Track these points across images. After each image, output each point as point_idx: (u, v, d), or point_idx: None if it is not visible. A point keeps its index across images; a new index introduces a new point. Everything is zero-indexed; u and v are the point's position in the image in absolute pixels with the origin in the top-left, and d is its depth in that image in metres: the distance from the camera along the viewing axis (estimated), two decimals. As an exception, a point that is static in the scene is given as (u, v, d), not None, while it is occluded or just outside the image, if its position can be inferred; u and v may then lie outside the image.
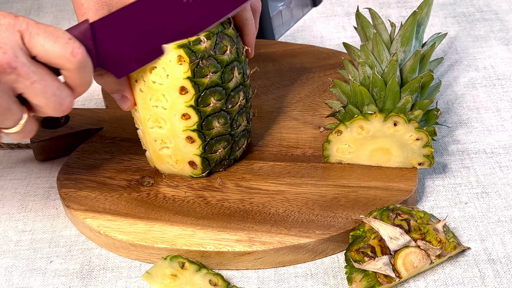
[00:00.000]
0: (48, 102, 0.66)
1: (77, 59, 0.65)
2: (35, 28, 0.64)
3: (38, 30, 0.64)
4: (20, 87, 0.64)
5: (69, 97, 0.67)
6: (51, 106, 0.66)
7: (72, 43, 0.65)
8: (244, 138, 0.83)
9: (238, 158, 0.85)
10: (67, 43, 0.65)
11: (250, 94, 0.82)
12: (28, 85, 0.64)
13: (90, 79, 0.69)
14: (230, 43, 0.76)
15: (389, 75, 0.79)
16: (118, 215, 0.79)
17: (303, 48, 1.03)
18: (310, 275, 0.75)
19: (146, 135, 0.79)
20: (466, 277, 0.73)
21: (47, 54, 0.65)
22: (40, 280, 0.76)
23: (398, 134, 0.79)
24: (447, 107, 0.95)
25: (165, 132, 0.78)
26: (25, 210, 0.85)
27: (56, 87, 0.66)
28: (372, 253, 0.71)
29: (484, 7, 1.16)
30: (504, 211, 0.80)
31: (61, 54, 0.65)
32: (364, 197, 0.79)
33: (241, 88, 0.79)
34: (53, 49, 0.64)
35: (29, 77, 0.64)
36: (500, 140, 0.90)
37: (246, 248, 0.74)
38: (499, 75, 1.01)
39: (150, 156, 0.83)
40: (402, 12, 1.16)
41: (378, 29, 0.85)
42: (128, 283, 0.75)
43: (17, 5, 1.25)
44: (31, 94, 0.65)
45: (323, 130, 0.85)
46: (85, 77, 0.67)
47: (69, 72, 0.66)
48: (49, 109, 0.67)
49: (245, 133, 0.83)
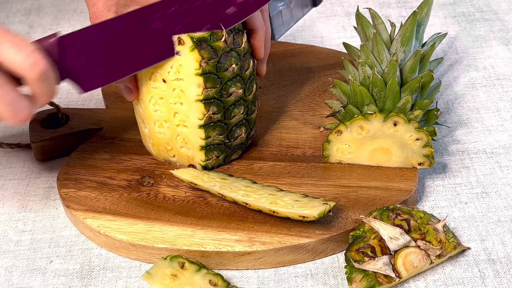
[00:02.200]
0: (3, 110, 0.67)
1: (37, 71, 0.66)
2: (1, 37, 0.65)
3: (4, 38, 0.65)
4: None
5: (26, 108, 0.68)
6: (6, 115, 0.67)
7: (35, 55, 0.66)
8: (240, 128, 0.83)
9: (239, 153, 0.85)
10: (30, 54, 0.66)
11: (250, 87, 0.82)
12: None
13: (52, 91, 0.70)
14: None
15: (389, 75, 0.79)
16: (118, 215, 0.79)
17: (303, 48, 1.03)
18: (310, 275, 0.75)
19: (149, 118, 0.81)
20: (466, 277, 0.73)
21: (9, 63, 0.66)
22: (40, 280, 0.76)
23: (398, 134, 0.79)
24: (447, 107, 0.95)
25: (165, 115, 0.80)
26: (25, 210, 0.85)
27: (13, 97, 0.67)
28: (372, 253, 0.71)
29: (484, 7, 1.16)
30: (504, 211, 0.80)
31: (22, 64, 0.66)
32: (364, 197, 0.79)
33: (238, 79, 0.79)
34: (15, 59, 0.65)
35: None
36: (500, 140, 0.90)
37: (246, 248, 0.74)
38: (499, 75, 1.01)
39: (152, 143, 0.83)
40: (402, 12, 1.16)
41: (378, 29, 0.85)
42: (128, 283, 0.75)
43: (17, 5, 1.25)
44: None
45: (323, 130, 0.85)
46: (47, 88, 0.69)
47: (30, 82, 0.67)
48: (5, 117, 0.68)
49: (244, 122, 0.83)
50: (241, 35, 0.80)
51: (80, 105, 1.00)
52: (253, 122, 0.85)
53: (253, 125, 0.85)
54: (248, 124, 0.84)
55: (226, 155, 0.83)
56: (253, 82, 0.83)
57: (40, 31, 1.17)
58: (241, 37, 0.79)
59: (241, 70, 0.80)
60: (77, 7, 1.23)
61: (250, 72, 0.82)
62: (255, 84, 0.83)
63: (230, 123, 0.81)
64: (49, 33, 1.15)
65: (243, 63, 0.80)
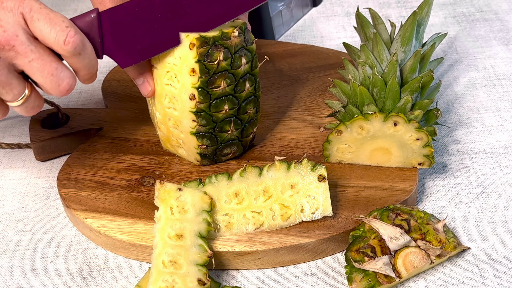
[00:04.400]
0: (45, 81, 0.70)
1: (69, 47, 0.69)
2: (36, 13, 0.68)
3: (39, 15, 0.68)
4: (19, 63, 0.69)
5: (67, 78, 0.71)
6: (48, 85, 0.71)
7: (67, 31, 0.69)
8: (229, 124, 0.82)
9: (234, 149, 0.84)
10: (63, 30, 0.69)
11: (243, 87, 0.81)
12: (26, 62, 0.69)
13: (90, 65, 0.73)
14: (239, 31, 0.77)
15: (389, 75, 0.79)
16: (118, 215, 0.79)
17: (303, 48, 1.03)
18: (310, 275, 0.75)
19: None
20: (466, 277, 0.73)
21: (44, 39, 0.69)
22: (40, 280, 0.76)
23: (398, 134, 0.79)
24: (447, 107, 0.95)
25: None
26: (25, 210, 0.85)
27: (55, 67, 0.70)
28: (372, 253, 0.71)
29: (484, 7, 1.16)
30: (504, 211, 0.80)
31: (56, 40, 0.69)
32: (364, 197, 0.79)
33: (228, 74, 0.79)
34: (48, 35, 0.69)
35: (27, 55, 0.68)
36: (500, 140, 0.90)
37: (246, 248, 0.74)
38: (499, 75, 1.01)
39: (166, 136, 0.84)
40: (402, 12, 1.16)
41: (378, 29, 0.85)
42: (128, 283, 0.75)
43: (17, 5, 1.25)
44: (30, 72, 0.70)
45: (323, 130, 0.86)
46: (85, 62, 0.72)
47: (66, 57, 0.70)
48: (47, 87, 0.71)
49: (234, 119, 0.81)
50: None
51: (80, 105, 1.00)
52: (246, 122, 0.83)
53: (248, 124, 0.84)
54: (241, 123, 0.82)
55: (216, 147, 0.82)
56: (247, 82, 0.80)
57: (40, 31, 1.17)
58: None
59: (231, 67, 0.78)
60: (77, 7, 1.23)
61: (244, 70, 0.79)
62: (255, 84, 0.82)
63: (216, 117, 0.80)
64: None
65: (236, 62, 0.78)
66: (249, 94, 0.80)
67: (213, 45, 0.76)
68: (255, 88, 0.81)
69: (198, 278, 0.70)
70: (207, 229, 0.73)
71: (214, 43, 0.76)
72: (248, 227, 0.75)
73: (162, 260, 0.71)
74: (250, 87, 0.80)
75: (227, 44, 0.76)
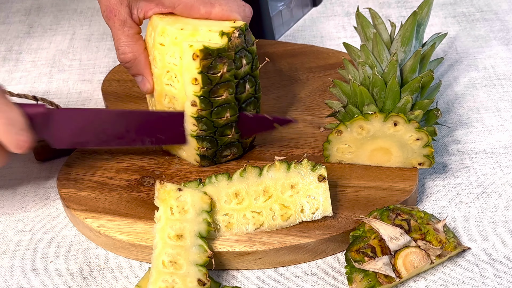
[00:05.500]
0: None
1: (20, 151, 0.73)
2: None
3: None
4: None
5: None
6: None
7: (21, 136, 0.72)
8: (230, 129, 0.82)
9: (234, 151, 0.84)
10: (17, 134, 0.72)
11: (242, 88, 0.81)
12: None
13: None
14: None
15: (389, 75, 0.79)
16: (118, 215, 0.79)
17: (303, 48, 1.03)
18: (310, 275, 0.75)
19: None
20: (466, 277, 0.73)
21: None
22: (40, 280, 0.76)
23: (398, 134, 0.79)
24: (447, 107, 0.95)
25: None
26: (25, 210, 0.85)
27: None
28: (372, 253, 0.71)
29: (484, 7, 1.16)
30: (504, 211, 0.80)
31: (8, 142, 0.72)
32: (364, 197, 0.79)
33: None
34: (1, 136, 0.71)
35: None
36: (500, 140, 0.90)
37: (246, 248, 0.74)
38: (499, 75, 1.01)
39: None
40: (402, 12, 1.16)
41: (378, 29, 0.85)
42: (128, 283, 0.75)
43: (17, 5, 1.25)
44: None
45: (323, 130, 0.85)
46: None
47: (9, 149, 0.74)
48: None
49: (233, 124, 0.81)
50: None
51: (80, 105, 1.00)
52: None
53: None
54: None
55: (216, 149, 0.82)
56: (248, 83, 0.80)
57: (40, 31, 1.17)
58: None
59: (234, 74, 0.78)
60: (77, 7, 1.23)
61: (245, 72, 0.79)
62: (256, 86, 0.82)
63: (218, 123, 0.79)
64: (48, 33, 1.16)
65: (236, 63, 0.77)
66: (249, 95, 0.80)
67: (217, 57, 0.75)
68: (255, 90, 0.81)
69: (198, 278, 0.70)
70: (207, 229, 0.73)
71: (218, 55, 0.75)
72: (248, 227, 0.75)
73: (162, 260, 0.71)
74: (251, 89, 0.80)
75: (231, 56, 0.76)
